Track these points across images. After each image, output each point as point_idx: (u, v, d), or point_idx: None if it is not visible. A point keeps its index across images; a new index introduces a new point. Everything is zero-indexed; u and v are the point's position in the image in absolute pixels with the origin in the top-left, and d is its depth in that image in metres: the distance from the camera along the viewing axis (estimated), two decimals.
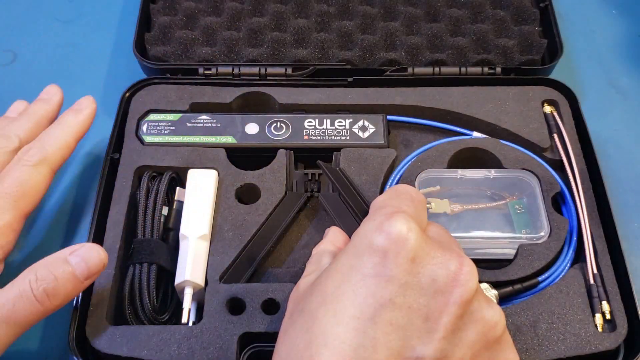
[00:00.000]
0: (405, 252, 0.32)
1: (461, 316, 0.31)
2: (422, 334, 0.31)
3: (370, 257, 0.32)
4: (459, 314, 0.31)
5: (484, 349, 0.32)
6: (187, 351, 0.41)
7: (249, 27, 0.60)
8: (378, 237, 0.32)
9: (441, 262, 0.32)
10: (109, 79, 0.62)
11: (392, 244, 0.32)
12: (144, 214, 0.46)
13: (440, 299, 0.31)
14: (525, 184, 0.49)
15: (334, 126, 0.52)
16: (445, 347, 0.31)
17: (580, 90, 0.57)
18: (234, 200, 0.48)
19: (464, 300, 0.31)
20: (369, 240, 0.32)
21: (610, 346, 0.42)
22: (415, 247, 0.32)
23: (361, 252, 0.32)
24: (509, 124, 0.53)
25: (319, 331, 0.31)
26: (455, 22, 0.61)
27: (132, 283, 0.43)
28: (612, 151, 0.57)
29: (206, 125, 0.52)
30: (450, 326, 0.31)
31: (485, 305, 0.33)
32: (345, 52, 0.59)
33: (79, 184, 0.55)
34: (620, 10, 0.69)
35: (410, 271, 0.31)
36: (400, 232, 0.32)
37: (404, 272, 0.31)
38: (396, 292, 0.31)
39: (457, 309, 0.31)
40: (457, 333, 0.31)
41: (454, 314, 0.31)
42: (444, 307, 0.31)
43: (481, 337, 0.32)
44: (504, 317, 0.33)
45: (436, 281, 0.32)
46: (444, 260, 0.32)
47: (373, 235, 0.32)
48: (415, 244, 0.32)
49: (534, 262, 0.45)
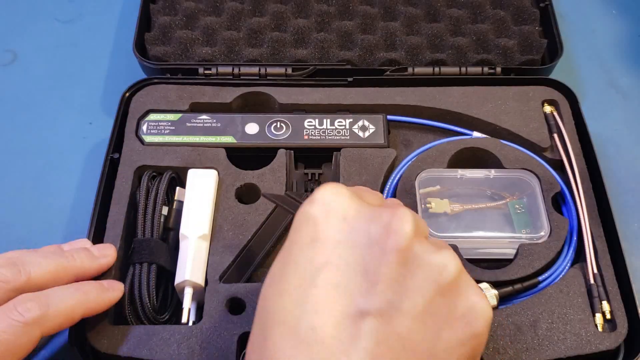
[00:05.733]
0: (335, 212, 0.32)
1: (402, 264, 0.30)
2: (364, 289, 0.30)
3: (305, 227, 0.32)
4: (399, 261, 0.30)
5: (438, 296, 0.31)
6: (187, 351, 0.41)
7: (249, 27, 0.60)
8: (309, 207, 0.33)
9: (372, 216, 0.32)
10: (109, 79, 0.62)
11: (322, 208, 0.32)
12: (143, 214, 0.46)
13: (376, 250, 0.31)
14: (525, 184, 0.49)
15: (334, 126, 0.52)
16: (390, 298, 0.30)
17: (580, 90, 0.57)
18: (234, 200, 0.48)
19: (400, 248, 0.31)
20: (302, 213, 0.33)
21: (611, 346, 0.42)
22: (344, 207, 0.32)
23: (297, 226, 0.33)
24: (509, 124, 0.53)
25: (271, 311, 0.31)
26: (455, 22, 0.61)
27: (132, 283, 0.43)
28: (612, 151, 0.57)
29: (206, 125, 0.52)
30: (391, 276, 0.30)
31: (430, 249, 0.32)
32: (345, 52, 0.59)
33: (79, 184, 0.55)
34: (620, 10, 0.69)
35: (342, 229, 0.32)
36: (329, 196, 0.33)
37: (336, 232, 0.31)
38: (331, 252, 0.31)
39: (395, 257, 0.30)
40: (401, 282, 0.30)
41: (393, 263, 0.30)
42: (381, 258, 0.30)
43: (431, 284, 0.31)
44: (455, 260, 0.32)
45: (369, 234, 0.31)
46: (375, 214, 0.32)
47: (305, 207, 0.33)
48: (344, 203, 0.32)
49: (534, 261, 0.45)
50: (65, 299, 0.37)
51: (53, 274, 0.39)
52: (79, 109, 0.60)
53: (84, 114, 0.60)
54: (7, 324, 0.35)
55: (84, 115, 0.59)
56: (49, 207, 0.53)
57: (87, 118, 0.59)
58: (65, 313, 0.37)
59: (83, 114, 0.60)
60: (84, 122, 0.59)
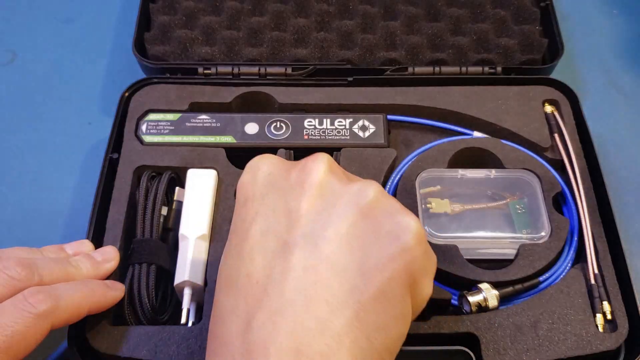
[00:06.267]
0: (261, 171, 0.35)
1: (320, 196, 0.33)
2: (289, 226, 0.32)
3: (239, 193, 0.36)
4: (317, 194, 0.33)
5: (361, 217, 0.32)
6: (186, 351, 0.41)
7: (248, 26, 0.60)
8: (242, 176, 0.36)
9: (293, 164, 0.36)
10: (108, 79, 0.62)
11: (250, 171, 0.36)
12: (143, 214, 0.46)
13: (297, 191, 0.34)
14: (525, 184, 0.49)
15: (334, 126, 0.52)
16: (313, 227, 0.32)
17: (581, 90, 0.57)
18: (233, 200, 0.48)
19: (316, 182, 0.33)
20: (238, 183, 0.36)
21: (611, 346, 0.42)
22: (268, 165, 0.36)
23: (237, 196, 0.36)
24: (509, 124, 0.53)
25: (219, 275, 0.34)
26: (456, 22, 0.61)
27: (131, 283, 0.43)
28: (613, 151, 0.57)
29: (206, 125, 0.52)
30: (311, 209, 0.33)
31: (345, 181, 0.34)
32: (345, 51, 0.59)
33: (78, 184, 0.55)
34: (621, 9, 0.69)
35: (268, 182, 0.35)
36: (255, 161, 0.36)
37: (262, 186, 0.35)
38: (259, 204, 0.34)
39: (313, 191, 0.33)
40: (321, 212, 0.33)
41: (312, 197, 0.33)
42: (301, 196, 0.33)
43: (351, 208, 0.33)
44: (374, 185, 0.34)
45: (290, 179, 0.35)
46: (296, 164, 0.36)
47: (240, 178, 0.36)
48: (267, 162, 0.36)
49: (535, 262, 0.45)
50: (74, 294, 0.38)
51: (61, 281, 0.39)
52: (78, 108, 0.60)
53: (83, 114, 0.59)
54: (18, 315, 0.35)
55: (83, 115, 0.59)
56: (48, 207, 0.53)
57: (86, 118, 0.59)
58: (74, 307, 0.38)
59: (82, 114, 0.59)
60: (83, 122, 0.59)
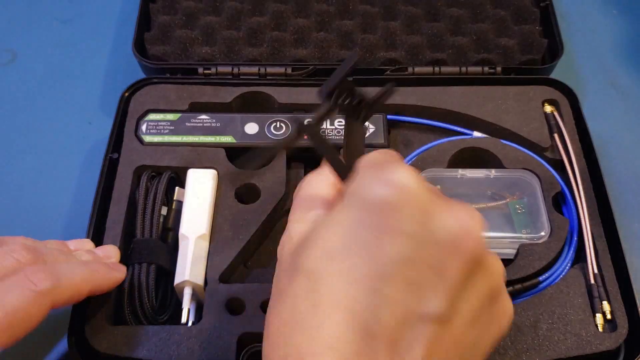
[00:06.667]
0: (416, 203, 0.29)
1: (472, 269, 0.29)
2: (435, 289, 0.28)
3: (378, 209, 0.29)
4: (471, 266, 0.29)
5: (487, 300, 0.30)
6: (186, 351, 0.41)
7: (248, 26, 0.60)
8: (385, 189, 0.30)
9: (451, 213, 0.30)
10: (108, 79, 0.62)
11: (403, 196, 0.29)
12: (142, 214, 0.46)
13: (454, 251, 0.29)
14: (525, 184, 0.49)
15: (333, 126, 0.52)
16: (455, 302, 0.29)
17: (580, 90, 0.57)
18: (233, 200, 0.48)
19: (477, 252, 0.29)
20: (373, 192, 0.30)
21: (611, 346, 0.42)
22: (424, 199, 0.30)
23: (366, 205, 0.30)
24: (509, 124, 0.53)
25: (327, 291, 0.28)
26: (456, 22, 0.61)
27: (131, 283, 0.43)
28: (613, 151, 0.57)
29: (206, 125, 0.52)
30: (462, 279, 0.29)
31: (489, 254, 0.31)
32: (346, 51, 0.59)
33: (78, 184, 0.55)
34: (621, 10, 0.69)
35: (423, 223, 0.29)
36: (408, 183, 0.30)
37: (416, 225, 0.29)
38: (410, 246, 0.29)
39: (470, 261, 0.29)
40: (467, 286, 0.29)
41: (467, 267, 0.29)
42: (458, 260, 0.29)
43: (487, 288, 0.30)
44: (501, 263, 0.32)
45: (449, 233, 0.29)
46: (453, 210, 0.30)
47: (378, 187, 0.30)
48: (423, 194, 0.30)
49: (535, 262, 0.45)
50: (75, 274, 0.37)
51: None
52: (78, 108, 0.60)
53: (83, 114, 0.59)
54: (19, 293, 0.34)
55: (83, 115, 0.59)
56: (48, 207, 0.53)
57: (86, 118, 0.59)
58: (75, 287, 0.37)
59: (82, 114, 0.59)
60: (83, 121, 0.59)
